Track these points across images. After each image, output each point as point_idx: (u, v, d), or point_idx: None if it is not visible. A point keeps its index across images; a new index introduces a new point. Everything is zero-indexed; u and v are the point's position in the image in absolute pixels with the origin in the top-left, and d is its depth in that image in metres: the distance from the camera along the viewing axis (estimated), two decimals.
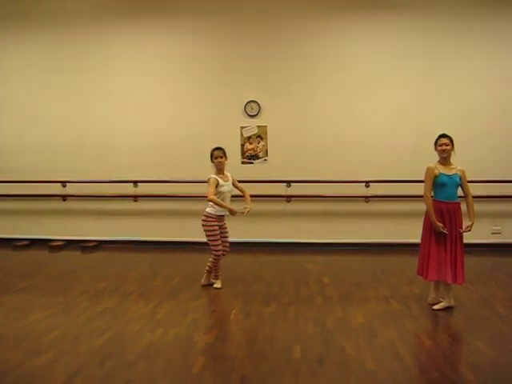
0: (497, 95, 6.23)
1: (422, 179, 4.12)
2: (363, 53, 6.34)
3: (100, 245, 6.77)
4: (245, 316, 4.00)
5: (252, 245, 6.53)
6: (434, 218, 3.98)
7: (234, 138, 6.54)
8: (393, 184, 6.27)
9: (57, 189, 6.89)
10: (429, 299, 4.24)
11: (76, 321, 3.91)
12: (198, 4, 6.48)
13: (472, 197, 4.11)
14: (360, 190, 6.42)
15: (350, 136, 6.40)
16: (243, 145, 6.58)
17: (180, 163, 6.60)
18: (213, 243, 4.61)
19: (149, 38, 6.61)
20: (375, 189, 6.39)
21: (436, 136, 4.10)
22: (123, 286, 4.85)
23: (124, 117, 6.73)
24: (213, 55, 6.53)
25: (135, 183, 6.74)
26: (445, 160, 4.05)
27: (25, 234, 6.99)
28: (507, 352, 3.27)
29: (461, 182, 4.04)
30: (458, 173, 4.04)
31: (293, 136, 6.48)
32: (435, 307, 4.10)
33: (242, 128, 6.56)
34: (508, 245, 6.33)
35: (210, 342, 3.48)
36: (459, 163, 4.12)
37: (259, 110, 6.51)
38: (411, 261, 4.89)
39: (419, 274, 4.24)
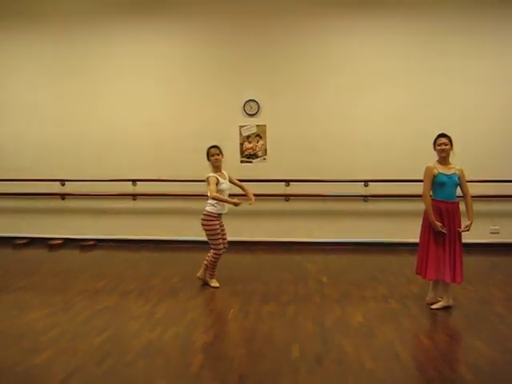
0: (495, 95, 6.22)
1: (421, 179, 4.13)
2: (362, 52, 6.33)
3: (99, 243, 6.76)
4: (243, 315, 4.00)
5: (251, 244, 6.53)
6: (433, 218, 3.98)
7: (233, 137, 6.54)
8: (392, 183, 6.28)
9: (56, 187, 6.88)
10: (427, 299, 4.24)
11: (75, 319, 3.92)
12: (198, 4, 6.47)
13: (471, 196, 4.12)
14: (359, 190, 6.42)
15: (349, 135, 6.41)
16: (242, 144, 6.57)
17: (179, 162, 6.59)
18: (214, 242, 4.62)
19: (148, 38, 6.60)
20: (374, 188, 6.40)
21: (435, 136, 4.11)
22: (122, 285, 4.85)
23: (123, 116, 6.72)
24: (212, 55, 6.53)
25: (134, 182, 6.74)
26: (444, 160, 4.05)
27: (24, 233, 6.99)
28: (506, 351, 3.28)
29: (460, 182, 4.04)
30: (457, 172, 4.04)
31: (292, 135, 6.48)
32: (434, 306, 4.11)
33: (241, 127, 6.55)
34: (506, 244, 6.34)
35: (209, 341, 3.49)
36: (458, 163, 4.13)
37: (258, 109, 6.51)
38: (410, 260, 4.91)
39: (418, 274, 4.24)
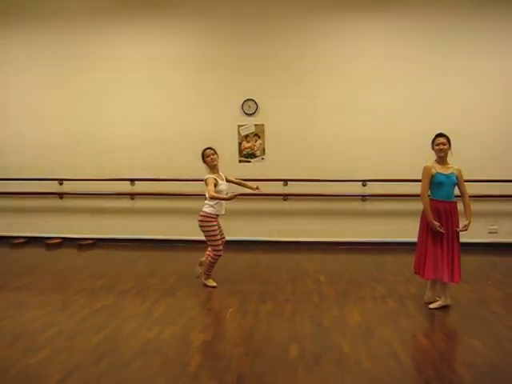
0: (494, 95, 6.23)
1: (419, 178, 4.13)
2: (361, 53, 6.32)
3: (97, 243, 6.75)
4: (241, 314, 4.00)
5: (249, 243, 6.53)
6: (431, 217, 3.99)
7: (232, 137, 6.54)
8: (390, 183, 6.29)
9: (54, 187, 6.87)
10: (425, 298, 4.25)
11: (72, 319, 3.91)
12: (198, 4, 6.46)
13: (468, 196, 4.13)
14: (357, 189, 6.43)
15: (347, 135, 6.41)
16: (240, 143, 6.57)
17: (177, 161, 6.58)
18: (214, 243, 4.61)
19: (148, 39, 6.58)
20: (372, 188, 6.40)
21: (433, 135, 4.12)
22: (120, 284, 4.85)
23: (122, 115, 6.70)
24: (211, 54, 6.51)
25: (132, 181, 6.74)
26: (442, 159, 4.06)
27: (21, 232, 6.98)
28: (503, 351, 3.28)
29: (457, 182, 4.05)
30: (455, 172, 4.05)
31: (290, 135, 6.47)
32: (432, 306, 4.11)
33: (240, 126, 6.55)
34: (504, 244, 6.35)
35: (207, 341, 3.49)
36: (456, 162, 4.14)
37: (256, 109, 6.50)
38: (408, 260, 4.90)
39: (416, 273, 4.25)
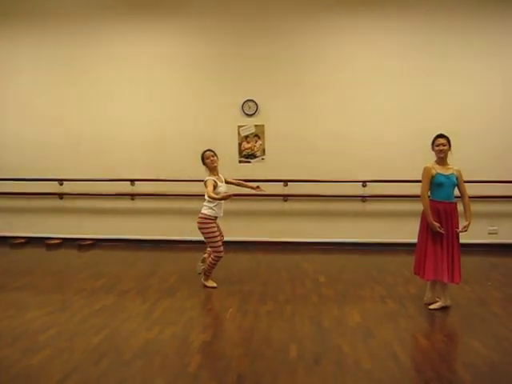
0: (494, 96, 6.23)
1: (419, 179, 4.13)
2: (361, 52, 6.33)
3: (97, 243, 6.75)
4: (241, 315, 4.00)
5: (249, 244, 6.53)
6: (431, 218, 3.99)
7: (232, 137, 6.54)
8: (390, 184, 6.29)
9: (54, 187, 6.87)
10: (425, 299, 4.25)
11: (72, 319, 3.91)
12: (198, 4, 6.46)
13: (468, 197, 4.13)
14: (357, 190, 6.43)
15: (347, 136, 6.41)
16: (240, 144, 6.57)
17: (177, 162, 6.58)
18: (214, 244, 4.61)
19: (147, 39, 6.59)
20: (372, 188, 6.40)
21: (433, 136, 4.12)
22: (120, 285, 4.85)
23: (122, 116, 6.71)
24: (211, 55, 6.52)
25: (132, 182, 6.74)
26: (442, 160, 4.06)
27: (21, 232, 6.97)
28: (503, 351, 3.29)
29: (457, 182, 4.05)
30: (455, 173, 4.05)
31: (290, 135, 6.48)
32: (431, 307, 4.11)
33: (240, 127, 6.55)
34: (504, 245, 6.35)
35: (207, 341, 3.49)
36: (456, 163, 4.14)
37: (257, 109, 6.51)
38: (408, 260, 4.90)
39: (416, 274, 4.25)
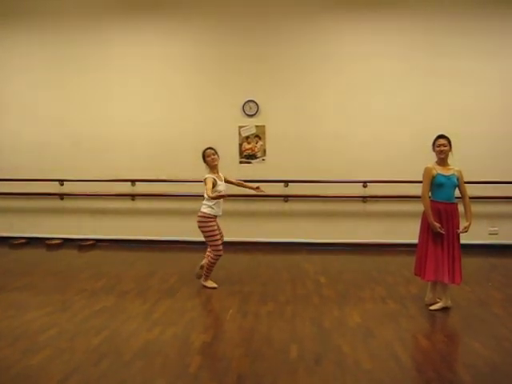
0: (494, 96, 6.24)
1: (420, 180, 4.13)
2: (361, 53, 6.33)
3: (97, 243, 6.75)
4: (242, 315, 4.00)
5: (249, 244, 6.52)
6: (432, 219, 3.98)
7: (232, 138, 6.54)
8: (390, 184, 6.29)
9: (54, 187, 6.87)
10: (426, 299, 4.24)
11: (73, 319, 3.91)
12: (199, 4, 6.47)
13: (469, 197, 4.12)
14: (358, 190, 6.43)
15: (348, 136, 6.41)
16: (241, 144, 6.57)
17: (178, 162, 6.58)
18: (214, 243, 4.61)
19: (148, 39, 6.59)
20: (373, 189, 6.40)
21: (434, 136, 4.11)
22: (120, 285, 4.84)
23: (122, 116, 6.71)
24: (211, 55, 6.52)
25: (133, 182, 6.73)
26: (442, 161, 4.06)
27: (22, 233, 6.97)
28: (504, 352, 3.28)
29: (458, 183, 4.05)
30: (456, 173, 4.05)
31: (291, 136, 6.47)
32: (432, 307, 4.11)
33: (240, 127, 6.55)
34: (505, 246, 6.35)
35: (207, 342, 3.48)
36: (457, 164, 4.14)
37: (257, 110, 6.51)
38: (408, 261, 4.89)
39: (416, 275, 4.24)
